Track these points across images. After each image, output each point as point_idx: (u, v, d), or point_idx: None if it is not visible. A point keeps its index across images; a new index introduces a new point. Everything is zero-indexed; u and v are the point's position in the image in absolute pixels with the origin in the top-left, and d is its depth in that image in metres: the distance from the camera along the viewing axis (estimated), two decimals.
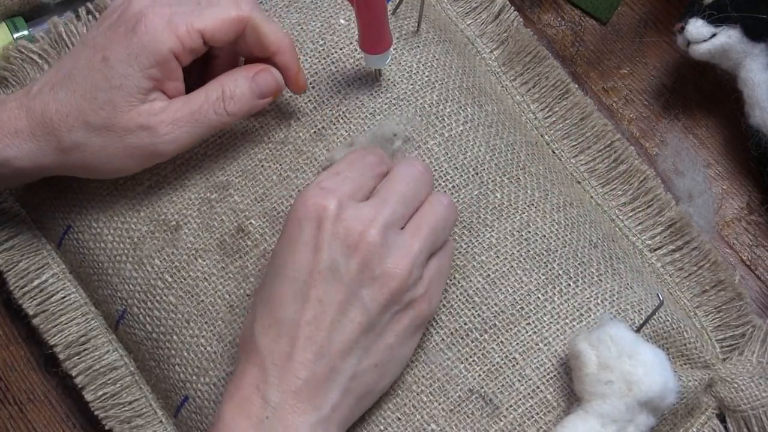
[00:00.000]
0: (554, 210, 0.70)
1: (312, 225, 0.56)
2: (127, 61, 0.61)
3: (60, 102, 0.62)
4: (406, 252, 0.58)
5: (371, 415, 0.64)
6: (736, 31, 0.73)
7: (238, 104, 0.63)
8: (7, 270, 0.72)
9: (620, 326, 0.62)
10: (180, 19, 0.61)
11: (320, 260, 0.56)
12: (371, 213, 0.57)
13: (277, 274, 0.57)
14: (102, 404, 0.70)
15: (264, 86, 0.64)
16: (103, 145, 0.62)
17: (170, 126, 0.62)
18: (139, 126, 0.61)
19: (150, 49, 0.61)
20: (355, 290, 0.56)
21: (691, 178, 0.77)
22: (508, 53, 0.78)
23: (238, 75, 0.63)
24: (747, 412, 0.69)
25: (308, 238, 0.56)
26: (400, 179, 0.60)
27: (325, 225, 0.56)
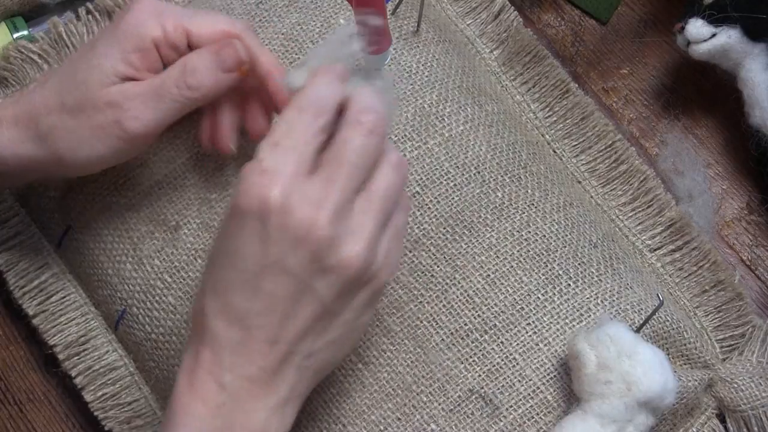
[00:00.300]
0: (554, 210, 0.70)
1: (256, 217, 0.53)
2: (110, 43, 0.61)
3: (46, 89, 0.62)
4: (359, 236, 0.54)
5: (371, 415, 0.64)
6: (736, 31, 0.73)
7: (200, 77, 0.61)
8: (7, 270, 0.72)
9: (620, 326, 0.62)
10: (170, 14, 0.62)
11: (268, 254, 0.53)
12: (319, 196, 0.53)
13: (226, 262, 0.54)
14: (102, 404, 0.70)
15: (227, 58, 0.61)
16: (74, 128, 0.61)
17: (133, 101, 0.61)
18: (106, 103, 0.61)
19: (133, 34, 0.61)
20: (307, 281, 0.54)
21: (691, 178, 0.77)
22: (508, 53, 0.78)
23: (202, 50, 0.62)
24: (747, 412, 0.69)
25: (254, 231, 0.53)
26: (349, 145, 0.54)
27: (270, 218, 0.53)
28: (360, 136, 0.54)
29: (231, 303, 0.54)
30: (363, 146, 0.54)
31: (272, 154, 0.53)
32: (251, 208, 0.53)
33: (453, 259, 0.66)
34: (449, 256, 0.67)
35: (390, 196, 0.56)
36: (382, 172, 0.55)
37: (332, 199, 0.53)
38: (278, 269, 0.53)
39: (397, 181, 0.56)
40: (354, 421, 0.64)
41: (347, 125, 0.54)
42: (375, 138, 0.55)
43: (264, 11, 0.72)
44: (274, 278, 0.53)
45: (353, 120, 0.54)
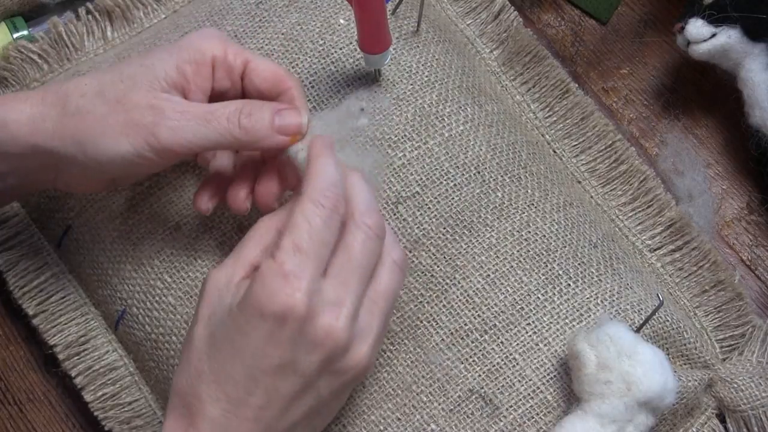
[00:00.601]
0: (554, 210, 0.70)
1: (276, 322, 0.54)
2: (167, 51, 0.61)
3: (84, 78, 0.61)
4: (367, 338, 0.57)
5: (371, 415, 0.64)
6: (736, 31, 0.73)
7: (255, 124, 0.59)
8: (7, 270, 0.72)
9: (619, 326, 0.62)
10: (233, 43, 0.62)
11: (281, 356, 0.54)
12: (335, 300, 0.55)
13: (234, 355, 0.55)
14: (101, 405, 0.70)
15: (286, 121, 0.60)
16: (105, 115, 0.59)
17: (178, 113, 0.59)
18: (149, 104, 0.59)
19: (193, 46, 0.61)
20: (313, 381, 0.56)
21: (691, 178, 0.77)
22: (508, 53, 0.78)
23: (265, 103, 0.61)
24: (747, 412, 0.69)
25: (270, 333, 0.54)
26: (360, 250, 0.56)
27: (291, 324, 0.54)
28: (369, 240, 0.57)
29: (232, 395, 0.55)
30: (372, 250, 0.57)
31: (294, 257, 0.54)
32: (274, 312, 0.54)
33: (453, 259, 0.66)
34: (449, 256, 0.67)
35: (394, 296, 0.59)
36: (387, 272, 0.58)
37: (347, 303, 0.55)
38: (290, 370, 0.55)
39: (400, 280, 0.59)
40: (354, 421, 0.64)
41: (356, 229, 0.57)
42: (380, 240, 0.58)
43: (264, 11, 0.72)
44: (284, 378, 0.55)
45: (360, 223, 0.57)
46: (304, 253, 0.54)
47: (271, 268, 0.54)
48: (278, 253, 0.54)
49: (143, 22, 0.77)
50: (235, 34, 0.71)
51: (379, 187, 0.66)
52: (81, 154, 0.60)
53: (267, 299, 0.53)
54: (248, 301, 0.54)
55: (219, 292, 0.57)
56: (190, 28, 0.72)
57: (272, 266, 0.54)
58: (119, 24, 0.77)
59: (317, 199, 0.56)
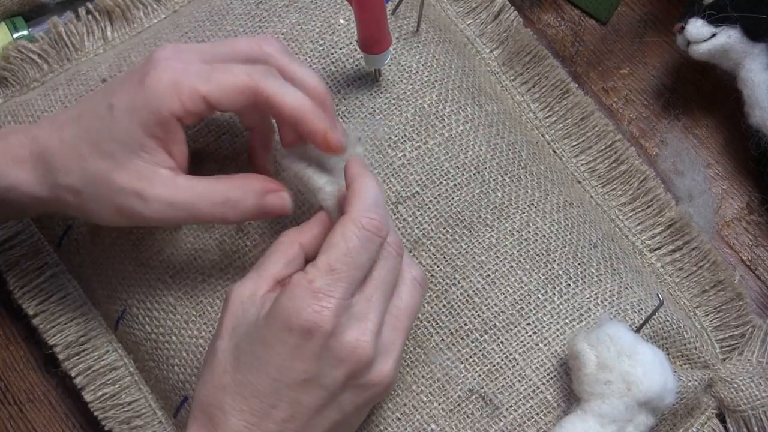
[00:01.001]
0: (554, 210, 0.70)
1: (303, 336, 0.54)
2: (129, 115, 0.59)
3: (63, 142, 0.60)
4: (390, 354, 0.58)
5: (371, 414, 0.64)
6: (736, 31, 0.73)
7: (239, 214, 0.60)
8: (7, 270, 0.72)
9: (619, 326, 0.62)
10: (186, 81, 0.59)
11: (308, 370, 0.55)
12: (360, 316, 0.56)
13: (259, 368, 0.55)
14: (101, 405, 0.70)
15: (271, 208, 0.61)
16: (95, 196, 0.60)
17: (163, 205, 0.59)
18: (134, 191, 0.59)
19: (151, 107, 0.59)
20: (337, 395, 0.56)
21: (691, 178, 0.77)
22: (508, 53, 0.78)
23: (249, 188, 0.61)
24: (747, 412, 0.69)
25: (297, 347, 0.55)
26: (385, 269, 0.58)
27: (317, 339, 0.55)
28: (392, 259, 0.58)
29: (256, 407, 0.55)
30: (393, 267, 0.58)
31: (325, 276, 0.55)
32: (301, 327, 0.54)
33: (453, 259, 0.66)
34: (449, 256, 0.67)
35: (415, 312, 0.60)
36: (408, 290, 0.59)
37: (373, 320, 0.56)
38: (315, 384, 0.55)
39: (421, 297, 0.60)
40: None
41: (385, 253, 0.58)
42: (400, 258, 0.59)
43: (264, 11, 0.72)
44: (308, 391, 0.55)
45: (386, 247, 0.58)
46: (336, 274, 0.55)
47: (300, 284, 0.55)
48: (311, 269, 0.55)
49: (143, 22, 0.77)
50: (235, 34, 0.71)
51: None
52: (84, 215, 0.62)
53: (294, 313, 0.54)
54: (275, 313, 0.55)
55: (243, 305, 0.57)
56: (190, 28, 0.72)
57: (302, 282, 0.55)
58: (119, 24, 0.77)
59: (359, 220, 0.56)
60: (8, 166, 0.61)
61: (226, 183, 0.61)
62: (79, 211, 0.62)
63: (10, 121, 0.71)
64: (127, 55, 0.72)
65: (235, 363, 0.56)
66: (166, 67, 0.59)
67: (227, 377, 0.56)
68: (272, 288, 0.58)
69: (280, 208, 0.61)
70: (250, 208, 0.60)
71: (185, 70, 0.59)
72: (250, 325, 0.56)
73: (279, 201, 0.61)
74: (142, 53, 0.72)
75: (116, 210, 0.60)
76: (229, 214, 0.60)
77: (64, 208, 0.62)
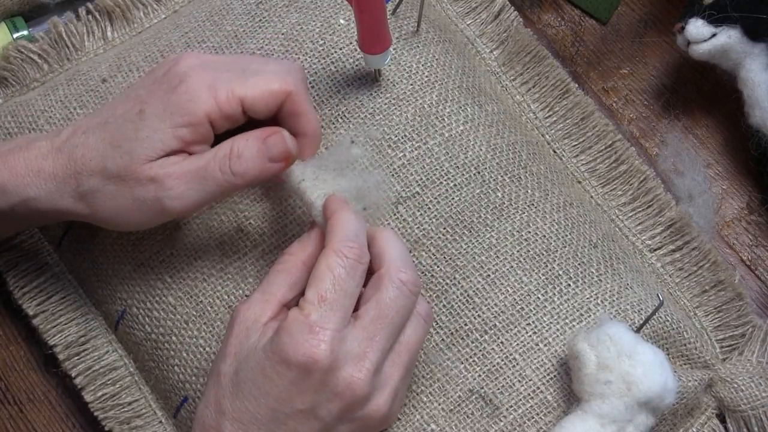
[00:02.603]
0: (554, 210, 0.70)
1: (300, 370, 0.56)
2: (161, 116, 0.59)
3: (88, 147, 0.61)
4: (387, 389, 0.59)
5: None
6: (736, 31, 0.73)
7: (246, 164, 0.60)
8: (7, 270, 0.72)
9: (619, 326, 0.62)
10: (222, 85, 0.60)
11: (304, 401, 0.56)
12: (359, 352, 0.57)
13: (258, 397, 0.57)
14: (101, 405, 0.70)
15: (274, 149, 0.60)
16: (114, 195, 0.60)
17: (177, 180, 0.59)
18: (149, 178, 0.59)
19: (186, 109, 0.59)
20: (332, 426, 0.58)
21: (691, 178, 0.77)
22: (508, 53, 0.78)
23: (250, 135, 0.60)
24: (747, 412, 0.69)
25: (295, 381, 0.56)
26: (394, 306, 0.58)
27: (315, 375, 0.56)
28: (402, 296, 0.58)
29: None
30: (405, 306, 0.59)
31: (319, 309, 0.56)
32: (298, 362, 0.56)
33: (453, 259, 0.66)
34: (449, 256, 0.67)
35: (418, 348, 0.60)
36: (413, 326, 0.60)
37: (372, 358, 0.57)
38: (311, 415, 0.57)
39: (425, 332, 0.61)
40: None
41: (390, 284, 0.58)
42: (414, 297, 0.59)
43: (264, 11, 0.72)
44: (304, 421, 0.57)
45: (395, 279, 0.58)
46: (329, 304, 0.56)
47: (297, 320, 0.56)
48: (304, 305, 0.57)
49: (143, 22, 0.77)
50: (235, 34, 0.71)
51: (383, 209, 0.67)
52: (103, 224, 0.63)
53: (293, 350, 0.56)
54: (275, 349, 0.56)
55: (247, 330, 0.58)
56: (190, 28, 0.72)
57: (298, 317, 0.56)
58: (119, 24, 0.77)
59: (340, 250, 0.58)
60: (30, 178, 0.62)
61: (229, 140, 0.61)
62: (99, 217, 0.62)
63: (10, 121, 0.71)
64: (127, 55, 0.72)
65: (234, 390, 0.57)
66: (200, 75, 0.60)
67: (227, 402, 0.57)
68: (276, 314, 0.59)
69: (283, 146, 0.60)
70: (254, 153, 0.60)
71: (218, 76, 0.60)
72: (250, 351, 0.58)
73: (280, 140, 0.60)
74: (142, 53, 0.72)
75: (135, 205, 0.60)
76: (237, 168, 0.59)
77: (85, 216, 0.63)
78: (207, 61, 0.62)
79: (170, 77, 0.61)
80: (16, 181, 0.61)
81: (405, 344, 0.60)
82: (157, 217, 0.61)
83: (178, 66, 0.61)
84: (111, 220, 0.62)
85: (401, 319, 0.59)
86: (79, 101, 0.71)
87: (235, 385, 0.57)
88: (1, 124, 0.72)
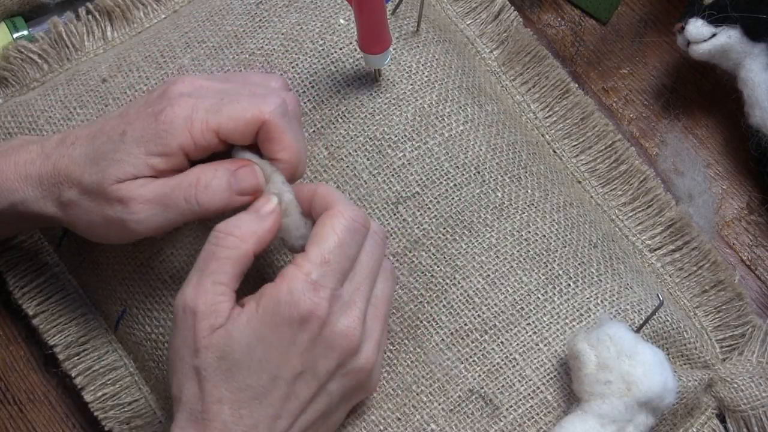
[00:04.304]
0: (554, 210, 0.70)
1: (299, 326, 0.56)
2: (138, 142, 0.60)
3: (72, 159, 0.62)
4: (372, 342, 0.60)
5: (371, 415, 0.64)
6: (736, 31, 0.73)
7: (212, 195, 0.59)
8: (7, 270, 0.72)
9: (619, 326, 0.62)
10: (198, 116, 0.60)
11: (304, 361, 0.57)
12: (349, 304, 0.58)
13: (255, 367, 0.56)
14: (101, 405, 0.70)
15: (244, 183, 0.60)
16: (87, 210, 0.61)
17: (141, 205, 0.59)
18: (116, 199, 0.60)
19: (162, 139, 0.59)
20: (326, 384, 0.58)
21: (691, 178, 0.77)
22: (508, 53, 0.78)
23: (220, 166, 0.60)
24: (747, 412, 0.69)
25: (291, 339, 0.56)
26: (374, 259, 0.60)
27: (311, 327, 0.56)
28: (377, 245, 0.60)
29: (254, 413, 0.56)
30: (379, 255, 0.60)
31: (320, 269, 0.57)
32: (301, 317, 0.56)
33: (453, 259, 0.66)
34: (449, 256, 0.67)
35: (390, 302, 0.63)
36: (382, 279, 0.61)
37: (360, 307, 0.58)
38: (310, 375, 0.57)
39: (393, 286, 0.63)
40: (354, 421, 0.64)
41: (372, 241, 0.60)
42: (384, 243, 0.61)
43: (264, 11, 0.72)
44: (304, 384, 0.57)
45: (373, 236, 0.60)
46: (330, 266, 0.57)
47: (298, 277, 0.56)
48: (305, 263, 0.57)
49: (143, 22, 0.77)
50: (235, 34, 0.71)
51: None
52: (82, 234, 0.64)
53: (295, 307, 0.56)
54: (274, 310, 0.56)
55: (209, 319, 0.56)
56: (189, 28, 0.72)
57: (299, 275, 0.56)
58: (119, 24, 0.77)
59: (346, 213, 0.58)
60: (18, 182, 0.63)
61: (198, 167, 0.60)
62: (78, 228, 0.63)
63: (10, 121, 0.72)
64: (127, 55, 0.72)
65: (226, 374, 0.56)
66: (181, 103, 0.60)
67: (221, 389, 0.56)
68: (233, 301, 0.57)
69: (253, 181, 0.60)
70: (222, 185, 0.59)
71: (197, 105, 0.60)
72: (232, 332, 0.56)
73: (251, 174, 0.60)
74: (142, 53, 0.72)
75: (105, 222, 0.61)
76: (203, 198, 0.59)
77: (67, 225, 0.64)
78: (198, 88, 0.62)
79: (160, 101, 0.61)
80: (5, 186, 0.62)
81: (380, 297, 0.61)
82: (126, 235, 0.61)
83: (169, 91, 0.61)
84: (85, 232, 0.63)
85: (377, 267, 0.60)
86: (79, 101, 0.71)
87: (225, 370, 0.56)
88: (1, 124, 0.72)
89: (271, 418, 0.56)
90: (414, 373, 0.65)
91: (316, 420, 0.59)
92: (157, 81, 0.70)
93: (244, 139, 0.61)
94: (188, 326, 0.56)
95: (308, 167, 0.68)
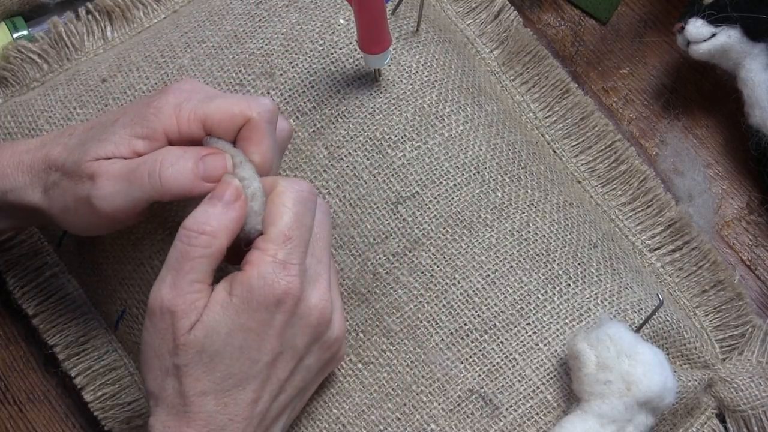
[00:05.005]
0: (554, 210, 0.70)
1: (276, 309, 0.56)
2: (126, 124, 0.60)
3: (66, 146, 0.62)
4: (339, 312, 0.61)
5: (371, 415, 0.64)
6: (736, 31, 0.73)
7: (176, 174, 0.58)
8: (7, 270, 0.72)
9: (619, 326, 0.62)
10: (187, 105, 0.60)
11: (283, 341, 0.57)
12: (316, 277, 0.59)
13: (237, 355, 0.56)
14: (101, 404, 0.70)
15: (211, 169, 0.59)
16: (63, 191, 0.60)
17: (107, 181, 0.58)
18: (88, 174, 0.59)
19: (148, 122, 0.59)
20: (303, 359, 0.59)
21: (691, 178, 0.77)
22: (508, 53, 0.78)
23: (189, 149, 0.59)
24: (747, 412, 0.69)
25: (272, 322, 0.56)
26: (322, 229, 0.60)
27: (287, 306, 0.56)
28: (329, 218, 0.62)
29: (237, 399, 0.57)
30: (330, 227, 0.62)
31: (285, 247, 0.57)
32: (274, 299, 0.56)
33: (453, 259, 0.66)
34: (449, 256, 0.67)
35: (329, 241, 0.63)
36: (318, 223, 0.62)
37: (326, 278, 0.59)
38: (289, 354, 0.58)
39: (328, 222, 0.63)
40: (354, 421, 0.64)
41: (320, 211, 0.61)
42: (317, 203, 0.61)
43: (264, 11, 0.72)
44: (284, 363, 0.58)
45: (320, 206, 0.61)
46: (293, 242, 0.57)
47: (265, 261, 0.56)
48: (268, 245, 0.57)
49: (143, 21, 0.77)
50: (235, 34, 0.71)
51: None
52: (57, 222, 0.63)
53: (270, 290, 0.56)
54: (248, 297, 0.56)
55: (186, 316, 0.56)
56: (189, 28, 0.72)
57: (266, 259, 0.56)
58: (119, 24, 0.77)
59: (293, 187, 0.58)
60: (10, 168, 0.62)
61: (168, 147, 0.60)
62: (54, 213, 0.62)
63: (10, 121, 0.72)
64: (127, 55, 0.72)
65: (209, 365, 0.56)
66: (175, 92, 0.61)
67: (205, 382, 0.56)
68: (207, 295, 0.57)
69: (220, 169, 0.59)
70: (188, 167, 0.58)
71: (189, 98, 0.60)
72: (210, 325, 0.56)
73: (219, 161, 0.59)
74: (142, 53, 0.72)
75: (75, 204, 0.60)
76: (166, 175, 0.58)
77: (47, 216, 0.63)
78: (196, 88, 0.62)
79: (157, 93, 0.61)
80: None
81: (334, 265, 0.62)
82: (92, 218, 0.60)
83: (168, 86, 0.62)
84: (60, 218, 0.62)
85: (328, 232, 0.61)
86: (78, 101, 0.71)
87: (206, 363, 0.56)
88: (1, 124, 0.72)
89: (253, 401, 0.57)
90: (414, 373, 0.65)
91: (295, 396, 0.60)
92: (157, 81, 0.70)
93: (227, 134, 0.60)
94: (166, 326, 0.56)
95: (308, 167, 0.68)
